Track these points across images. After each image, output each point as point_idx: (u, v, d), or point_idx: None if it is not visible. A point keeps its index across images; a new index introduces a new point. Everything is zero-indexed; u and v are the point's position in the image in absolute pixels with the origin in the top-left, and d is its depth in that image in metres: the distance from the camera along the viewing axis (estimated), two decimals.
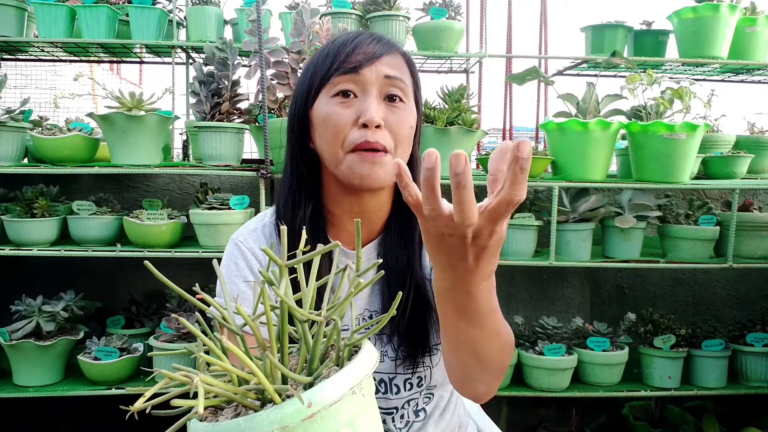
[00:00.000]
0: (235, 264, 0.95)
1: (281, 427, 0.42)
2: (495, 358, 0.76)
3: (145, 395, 0.42)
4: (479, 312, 0.66)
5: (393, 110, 0.87)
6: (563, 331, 2.12)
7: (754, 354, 2.11)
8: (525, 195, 0.51)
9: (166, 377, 0.44)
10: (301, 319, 0.50)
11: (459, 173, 0.49)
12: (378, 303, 0.97)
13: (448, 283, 0.62)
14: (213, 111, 1.89)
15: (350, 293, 0.51)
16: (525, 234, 2.02)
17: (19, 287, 2.03)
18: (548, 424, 2.36)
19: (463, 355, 0.75)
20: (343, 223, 0.96)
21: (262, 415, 0.43)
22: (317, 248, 0.52)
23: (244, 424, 0.43)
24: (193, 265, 2.31)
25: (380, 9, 2.23)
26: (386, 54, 0.87)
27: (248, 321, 0.47)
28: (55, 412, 2.26)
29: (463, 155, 0.49)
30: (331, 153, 0.87)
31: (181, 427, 0.47)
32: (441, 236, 0.57)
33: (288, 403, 0.43)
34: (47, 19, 2.14)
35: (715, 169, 2.22)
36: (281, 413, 0.42)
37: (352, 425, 0.45)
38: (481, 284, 0.62)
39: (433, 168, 0.50)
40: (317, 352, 0.49)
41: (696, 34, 2.23)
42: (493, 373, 0.79)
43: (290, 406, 0.43)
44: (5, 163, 1.92)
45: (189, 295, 0.51)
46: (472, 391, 0.82)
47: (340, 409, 0.44)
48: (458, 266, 0.59)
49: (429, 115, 1.93)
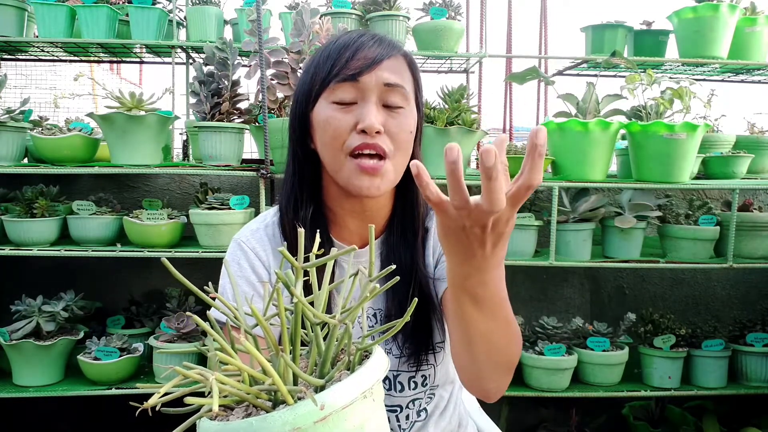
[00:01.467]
0: (238, 264, 0.95)
1: (294, 428, 0.42)
2: (507, 351, 0.78)
3: (158, 392, 0.42)
4: (493, 301, 0.70)
5: (393, 116, 0.87)
6: (563, 331, 2.12)
7: (754, 354, 2.11)
8: (542, 179, 0.57)
9: (180, 374, 0.45)
10: (314, 321, 0.50)
11: (490, 167, 0.53)
12: (383, 302, 0.97)
13: (465, 273, 0.66)
14: (213, 111, 1.89)
15: (364, 298, 0.52)
16: (525, 234, 2.02)
17: (19, 287, 2.03)
18: (548, 424, 2.36)
19: (477, 350, 0.77)
20: (345, 222, 0.96)
21: (275, 415, 0.43)
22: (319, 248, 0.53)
23: (257, 424, 0.43)
24: (193, 265, 2.31)
25: (380, 9, 2.23)
26: (387, 58, 0.87)
27: (261, 322, 0.47)
28: (55, 412, 2.26)
29: (493, 150, 0.53)
30: (331, 157, 0.88)
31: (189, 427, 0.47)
32: (461, 229, 0.60)
33: (301, 405, 0.44)
34: (47, 19, 2.14)
35: (715, 169, 2.22)
36: (294, 414, 0.43)
37: (362, 429, 0.46)
38: (495, 271, 0.66)
39: (455, 161, 0.54)
40: (329, 356, 0.50)
41: (696, 34, 2.23)
42: (503, 367, 0.80)
43: (303, 407, 0.43)
44: (5, 163, 1.92)
45: (204, 294, 0.51)
46: (484, 388, 0.83)
47: (351, 413, 0.45)
48: (477, 255, 0.63)
49: (429, 115, 1.93)
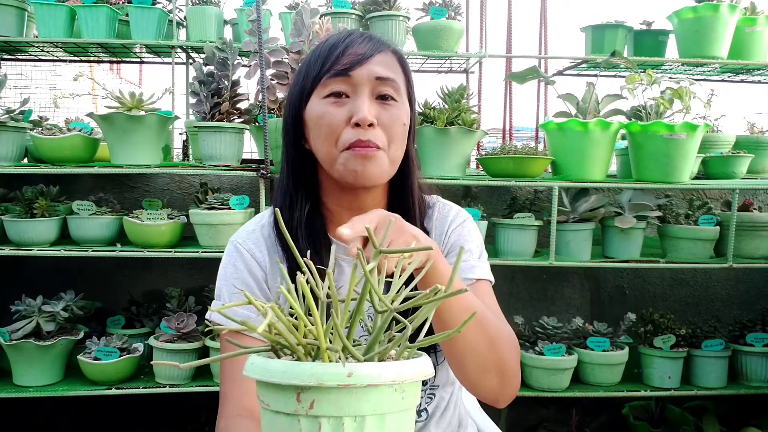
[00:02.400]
0: (234, 266, 0.95)
1: (318, 383, 0.45)
2: (491, 356, 0.81)
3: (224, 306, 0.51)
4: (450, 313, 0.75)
5: (386, 108, 0.88)
6: (563, 331, 2.12)
7: (754, 354, 2.11)
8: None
9: (246, 298, 0.49)
10: (380, 308, 0.52)
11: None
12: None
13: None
14: (213, 111, 1.89)
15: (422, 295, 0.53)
16: (525, 234, 2.02)
17: (19, 287, 2.03)
18: (548, 424, 2.36)
19: (456, 357, 0.81)
20: (342, 221, 0.96)
21: (306, 365, 0.46)
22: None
23: (290, 367, 0.46)
24: (193, 265, 2.32)
25: (380, 9, 2.23)
26: (377, 53, 0.88)
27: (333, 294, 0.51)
28: (55, 412, 2.26)
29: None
30: (326, 152, 0.88)
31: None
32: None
33: (333, 365, 0.46)
34: (47, 19, 2.14)
35: (715, 169, 2.22)
36: (323, 370, 0.45)
37: (383, 421, 0.47)
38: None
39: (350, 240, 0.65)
40: (377, 341, 0.52)
41: (696, 34, 2.23)
42: (493, 371, 0.83)
43: (333, 367, 0.45)
44: (5, 163, 1.92)
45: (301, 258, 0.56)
46: (480, 393, 0.87)
47: (374, 396, 0.46)
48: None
49: (429, 115, 1.93)
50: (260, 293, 0.93)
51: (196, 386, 1.95)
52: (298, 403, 0.45)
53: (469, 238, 1.00)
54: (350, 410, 0.45)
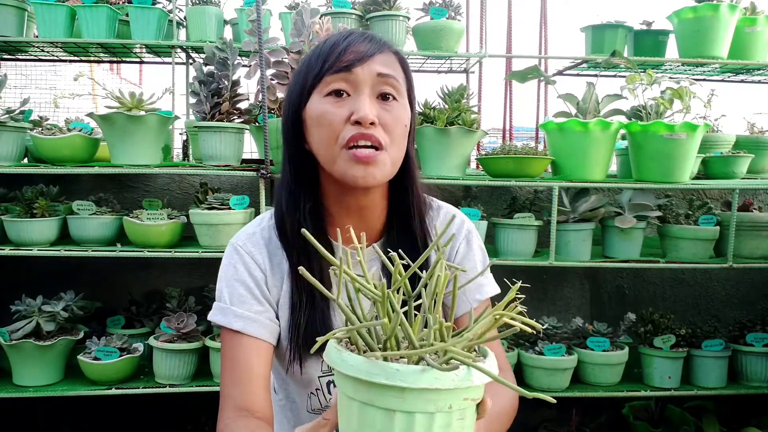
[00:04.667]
0: (234, 268, 0.95)
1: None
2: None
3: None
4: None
5: (387, 108, 0.87)
6: (563, 331, 2.12)
7: (754, 354, 2.11)
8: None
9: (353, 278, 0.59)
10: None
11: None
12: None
13: None
14: (213, 111, 1.89)
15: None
16: (525, 234, 2.02)
17: (19, 287, 2.02)
18: (548, 424, 2.36)
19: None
20: (342, 223, 0.96)
21: (413, 369, 0.50)
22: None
23: (402, 369, 0.50)
24: (192, 265, 2.32)
25: (380, 9, 2.24)
26: (378, 53, 0.87)
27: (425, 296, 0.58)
28: (55, 412, 2.26)
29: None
30: (326, 151, 0.87)
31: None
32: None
33: (440, 372, 0.50)
34: (47, 19, 2.14)
35: (715, 169, 2.22)
36: (432, 376, 0.50)
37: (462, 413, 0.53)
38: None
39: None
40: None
41: (696, 34, 2.23)
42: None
43: (442, 375, 0.51)
44: (5, 163, 1.92)
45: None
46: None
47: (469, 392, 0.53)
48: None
49: (429, 115, 1.93)
50: (260, 294, 0.93)
51: (196, 386, 1.95)
52: (400, 400, 0.50)
53: (474, 254, 1.02)
54: (439, 406, 0.51)
